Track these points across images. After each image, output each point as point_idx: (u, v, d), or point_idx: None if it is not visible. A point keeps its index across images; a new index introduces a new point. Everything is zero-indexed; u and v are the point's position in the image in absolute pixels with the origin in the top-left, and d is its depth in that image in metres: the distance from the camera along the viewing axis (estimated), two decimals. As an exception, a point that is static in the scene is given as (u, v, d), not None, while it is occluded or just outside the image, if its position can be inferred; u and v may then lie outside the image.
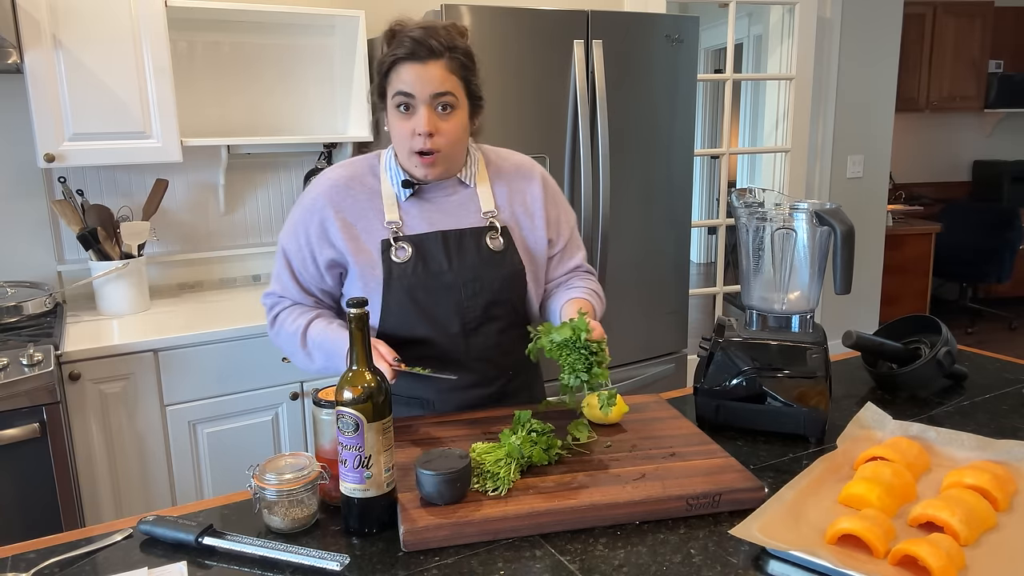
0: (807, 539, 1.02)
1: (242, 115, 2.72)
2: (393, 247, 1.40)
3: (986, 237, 5.36)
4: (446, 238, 1.41)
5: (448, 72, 1.33)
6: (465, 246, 1.42)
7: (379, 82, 1.37)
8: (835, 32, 4.00)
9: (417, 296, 1.40)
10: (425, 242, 1.41)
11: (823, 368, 1.37)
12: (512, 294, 1.45)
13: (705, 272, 7.10)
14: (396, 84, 1.33)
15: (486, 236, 1.43)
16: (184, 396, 2.19)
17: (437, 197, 1.45)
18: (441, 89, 1.32)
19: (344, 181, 1.44)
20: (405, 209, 1.43)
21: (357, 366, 1.06)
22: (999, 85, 5.73)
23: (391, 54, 1.33)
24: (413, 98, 1.33)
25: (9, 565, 1.03)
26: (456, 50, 1.33)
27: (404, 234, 1.41)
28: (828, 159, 4.16)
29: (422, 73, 1.31)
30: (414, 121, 1.34)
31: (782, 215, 1.44)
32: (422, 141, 1.34)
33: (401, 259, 1.40)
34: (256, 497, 1.09)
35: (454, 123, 1.36)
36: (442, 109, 1.34)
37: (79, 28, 2.16)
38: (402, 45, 1.31)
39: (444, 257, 1.40)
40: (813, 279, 1.45)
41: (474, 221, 1.45)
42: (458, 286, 1.40)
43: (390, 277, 1.39)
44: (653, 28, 2.62)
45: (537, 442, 1.21)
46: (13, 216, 2.45)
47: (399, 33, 1.34)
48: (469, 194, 1.47)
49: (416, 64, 1.31)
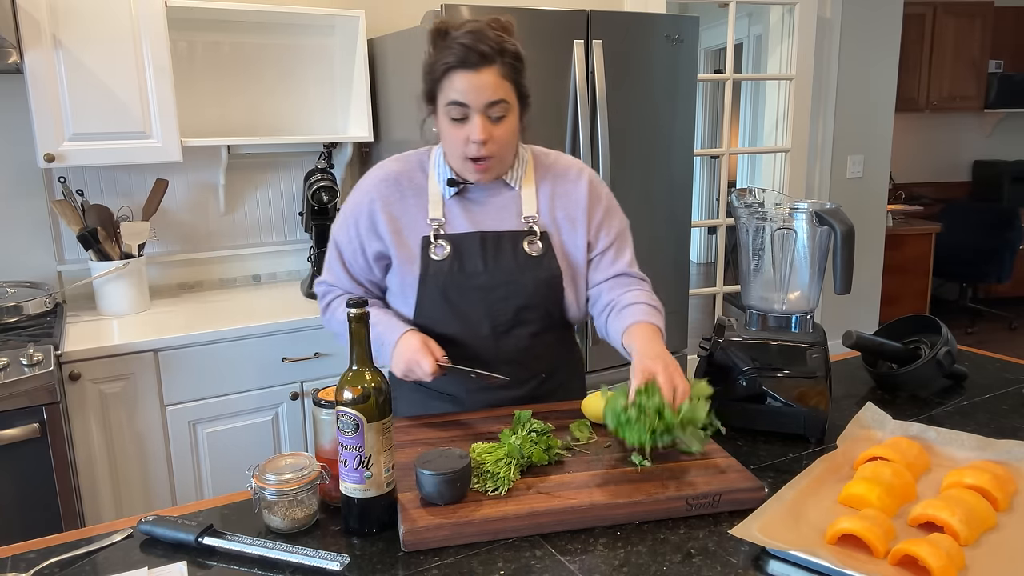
0: (807, 539, 1.02)
1: (242, 115, 2.72)
2: (432, 244, 1.41)
3: (986, 237, 5.36)
4: (484, 239, 1.42)
5: (501, 78, 1.32)
6: (502, 249, 1.42)
7: (429, 87, 1.36)
8: (835, 32, 4.00)
9: (450, 295, 1.41)
10: (464, 242, 1.42)
11: (823, 368, 1.37)
12: (547, 299, 1.45)
13: (705, 272, 7.10)
14: (449, 93, 1.32)
15: (524, 240, 1.43)
16: (184, 396, 2.19)
17: (481, 197, 1.46)
18: (495, 98, 1.32)
19: (394, 176, 1.46)
20: (449, 207, 1.45)
21: (357, 366, 1.06)
22: (999, 85, 5.73)
23: (443, 62, 1.31)
24: (467, 107, 1.32)
25: (9, 565, 1.03)
26: (506, 54, 1.32)
27: (445, 232, 1.42)
28: (828, 159, 4.16)
29: (476, 82, 1.30)
30: (467, 129, 1.33)
31: (782, 215, 1.44)
32: (476, 148, 1.34)
33: (439, 257, 1.41)
34: (256, 497, 1.09)
35: (506, 128, 1.36)
36: (495, 116, 1.34)
37: (79, 28, 2.16)
38: (452, 51, 1.30)
39: (480, 259, 1.41)
40: (813, 279, 1.45)
41: (514, 224, 1.45)
42: (491, 288, 1.41)
43: (426, 274, 1.41)
44: (653, 28, 2.62)
45: (537, 442, 1.21)
46: (13, 216, 2.45)
47: (448, 36, 1.32)
48: (513, 196, 1.47)
49: (469, 72, 1.30)
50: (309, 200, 2.59)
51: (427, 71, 1.36)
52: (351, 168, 2.91)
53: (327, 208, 2.63)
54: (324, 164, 2.69)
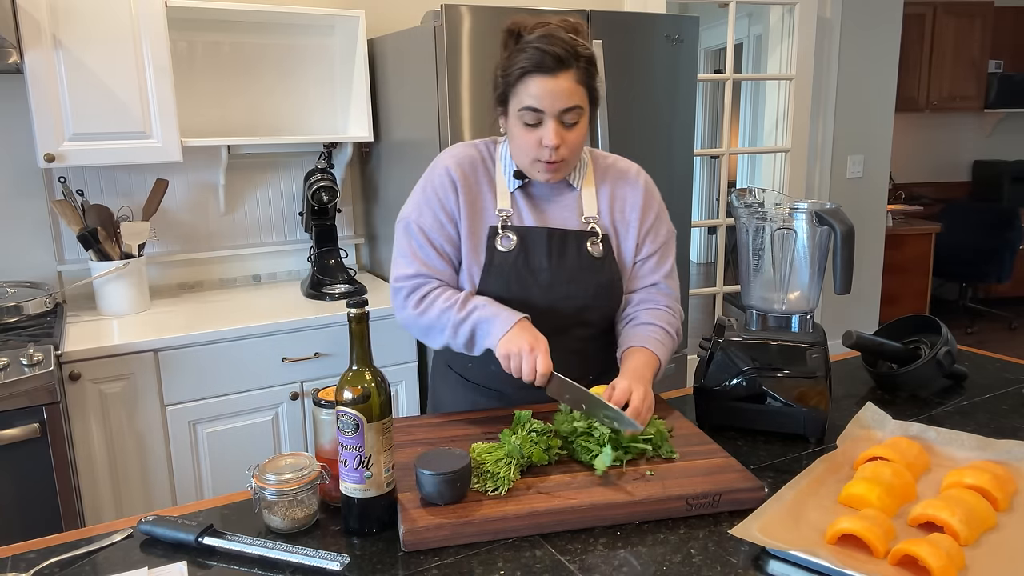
0: (807, 539, 1.02)
1: (242, 115, 2.72)
2: (500, 235, 1.41)
3: (986, 237, 5.36)
4: (551, 236, 1.42)
5: (576, 84, 1.31)
6: (568, 247, 1.43)
7: (503, 90, 1.35)
8: (835, 32, 4.00)
9: (512, 288, 1.41)
10: (531, 235, 1.42)
11: (823, 368, 1.37)
12: (606, 302, 1.46)
13: (705, 272, 7.10)
14: (524, 98, 1.31)
15: (587, 241, 1.44)
16: (184, 396, 2.19)
17: (544, 194, 1.47)
18: (570, 104, 1.31)
19: (469, 158, 1.46)
20: (515, 200, 1.45)
21: (357, 366, 1.06)
22: (999, 85, 5.73)
23: (518, 66, 1.30)
24: (542, 113, 1.31)
25: (9, 565, 1.03)
26: (581, 58, 1.31)
27: (512, 224, 1.43)
28: (828, 159, 4.16)
29: (552, 87, 1.29)
30: (540, 133, 1.33)
31: (782, 215, 1.44)
32: (548, 153, 1.34)
33: (505, 248, 1.41)
34: (256, 497, 1.09)
35: (578, 133, 1.35)
36: (569, 122, 1.33)
37: (79, 28, 2.16)
38: (527, 55, 1.29)
39: (546, 255, 1.41)
40: (813, 279, 1.45)
41: (576, 224, 1.45)
42: (554, 286, 1.41)
43: (491, 264, 1.41)
44: (653, 28, 2.62)
45: (537, 442, 1.21)
46: (13, 216, 2.45)
47: (520, 38, 1.32)
48: (574, 196, 1.47)
49: (545, 78, 1.29)
50: (309, 200, 2.59)
51: (501, 74, 1.35)
52: (351, 168, 2.91)
53: (327, 208, 2.63)
54: (324, 164, 2.68)
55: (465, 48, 2.24)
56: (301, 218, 2.85)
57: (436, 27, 2.23)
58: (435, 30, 2.23)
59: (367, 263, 3.07)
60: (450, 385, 1.55)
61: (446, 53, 2.22)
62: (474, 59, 2.26)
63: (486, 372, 1.46)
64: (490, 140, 1.51)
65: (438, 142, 2.30)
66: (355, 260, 3.03)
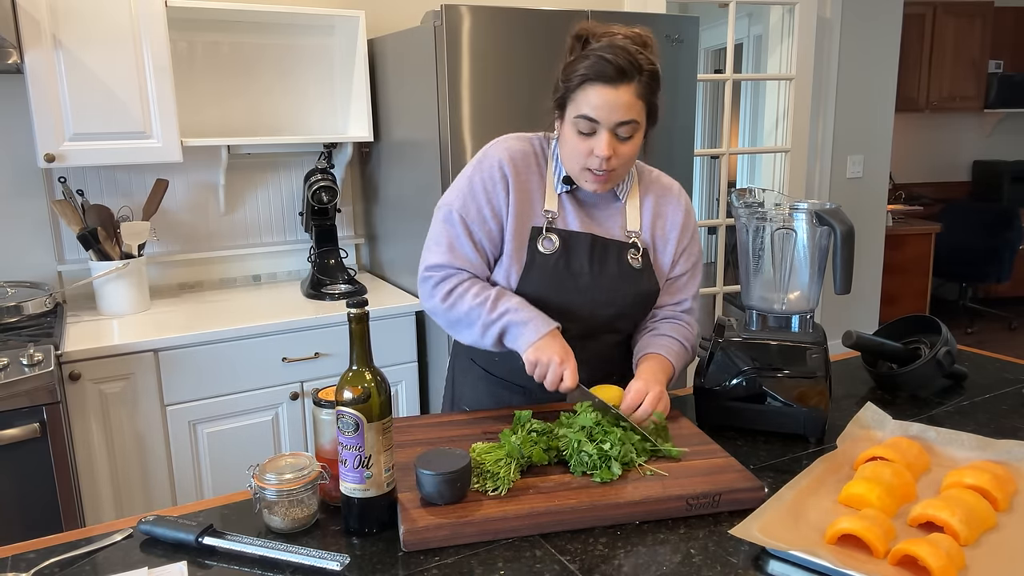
0: (807, 539, 1.02)
1: (242, 115, 2.72)
2: (542, 236, 1.41)
3: (986, 237, 5.36)
4: (594, 243, 1.42)
5: (635, 97, 1.29)
6: (609, 256, 1.43)
7: (562, 94, 1.33)
8: (835, 32, 4.00)
9: (550, 290, 1.40)
10: (574, 240, 1.41)
11: (823, 368, 1.37)
12: (640, 313, 1.47)
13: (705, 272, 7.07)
14: (581, 105, 1.30)
15: (627, 252, 1.44)
16: (184, 396, 2.19)
17: (589, 202, 1.46)
18: (626, 117, 1.29)
19: (521, 152, 1.44)
20: (562, 202, 1.44)
21: (357, 366, 1.06)
22: (999, 85, 5.73)
23: (580, 72, 1.28)
24: (597, 123, 1.30)
25: (9, 565, 1.03)
26: (644, 72, 1.29)
27: (556, 227, 1.42)
28: (828, 159, 4.16)
29: (611, 99, 1.27)
30: (593, 143, 1.31)
31: (782, 215, 1.44)
32: (599, 163, 1.32)
33: (547, 250, 1.40)
34: (256, 497, 1.09)
35: (632, 146, 1.34)
36: (624, 135, 1.32)
37: (79, 28, 2.16)
38: (590, 62, 1.27)
39: (587, 261, 1.41)
40: (813, 279, 1.45)
41: (619, 235, 1.45)
42: (592, 292, 1.41)
43: (532, 265, 1.40)
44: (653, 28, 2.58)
45: (537, 442, 1.21)
46: (13, 216, 2.45)
47: (588, 44, 1.31)
48: (619, 208, 1.47)
49: (606, 87, 1.27)
50: (309, 200, 2.59)
51: (562, 78, 1.33)
52: (351, 168, 2.91)
53: (327, 208, 2.63)
54: (324, 164, 2.69)
55: (465, 48, 2.24)
56: (301, 218, 2.85)
57: (436, 27, 2.23)
58: (435, 30, 2.23)
59: (367, 263, 3.07)
60: (473, 379, 1.55)
61: (446, 53, 2.22)
62: (474, 59, 2.26)
63: (512, 367, 1.44)
64: (542, 136, 1.48)
65: (438, 142, 2.30)
66: (355, 260, 3.03)
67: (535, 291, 1.40)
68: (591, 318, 1.43)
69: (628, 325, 1.48)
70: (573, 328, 1.42)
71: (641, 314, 1.49)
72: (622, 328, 1.48)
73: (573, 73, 1.30)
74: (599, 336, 1.46)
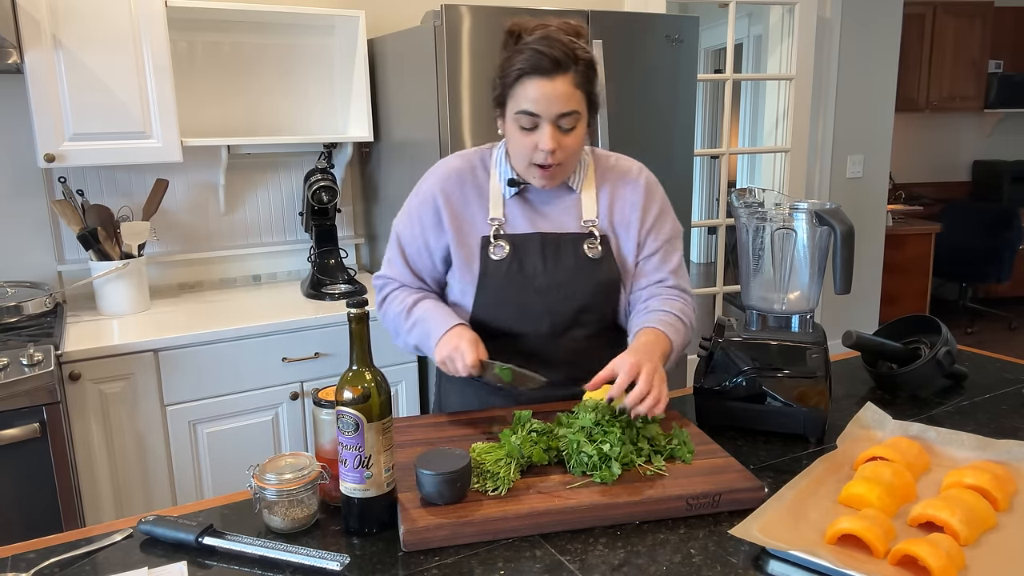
0: (807, 539, 1.02)
1: (242, 115, 2.72)
2: (492, 244, 1.42)
3: (986, 237, 5.36)
4: (544, 241, 1.42)
5: (574, 88, 1.30)
6: (562, 251, 1.43)
7: (500, 91, 1.34)
8: (835, 32, 4.00)
9: (508, 295, 1.41)
10: (524, 243, 1.42)
11: (823, 368, 1.37)
12: (604, 302, 1.46)
13: (705, 272, 7.09)
14: (520, 101, 1.30)
15: (584, 243, 1.44)
16: (184, 396, 2.19)
17: (540, 199, 1.46)
18: (567, 109, 1.30)
19: (457, 173, 1.46)
20: (509, 207, 1.45)
21: (357, 366, 1.06)
22: (999, 85, 5.73)
23: (516, 67, 1.29)
24: (538, 117, 1.30)
25: (9, 565, 1.03)
26: (580, 61, 1.30)
27: (505, 232, 1.43)
28: (828, 159, 4.16)
29: (549, 91, 1.28)
30: (536, 137, 1.32)
31: (782, 215, 1.44)
32: (544, 157, 1.33)
33: (498, 257, 1.41)
34: (256, 497, 1.09)
35: (575, 137, 1.35)
36: (566, 127, 1.32)
37: (79, 28, 2.16)
38: (525, 56, 1.28)
39: (540, 260, 1.42)
40: (813, 279, 1.45)
41: (574, 227, 1.45)
42: (550, 289, 1.41)
43: (485, 274, 1.41)
44: (653, 28, 2.62)
45: (537, 442, 1.21)
46: (13, 216, 2.45)
47: (520, 39, 1.31)
48: (574, 199, 1.47)
49: (543, 80, 1.28)
50: (309, 200, 2.59)
51: (499, 75, 1.34)
52: (351, 168, 2.91)
53: (327, 208, 2.63)
54: (324, 164, 2.68)
55: (465, 48, 2.24)
56: (301, 218, 2.85)
57: (436, 27, 2.23)
58: (435, 30, 2.23)
59: (367, 263, 3.07)
60: (459, 385, 1.55)
61: (446, 53, 2.22)
62: (474, 59, 2.26)
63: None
64: (486, 147, 1.51)
65: (438, 142, 2.30)
66: (355, 260, 3.03)
67: (493, 299, 1.42)
68: (554, 315, 1.43)
69: (595, 317, 1.46)
70: (540, 327, 1.43)
71: (606, 304, 1.47)
72: (589, 321, 1.46)
73: (509, 69, 1.31)
74: (568, 332, 1.45)
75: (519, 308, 1.42)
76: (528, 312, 1.42)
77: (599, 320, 1.48)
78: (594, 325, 1.47)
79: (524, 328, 1.43)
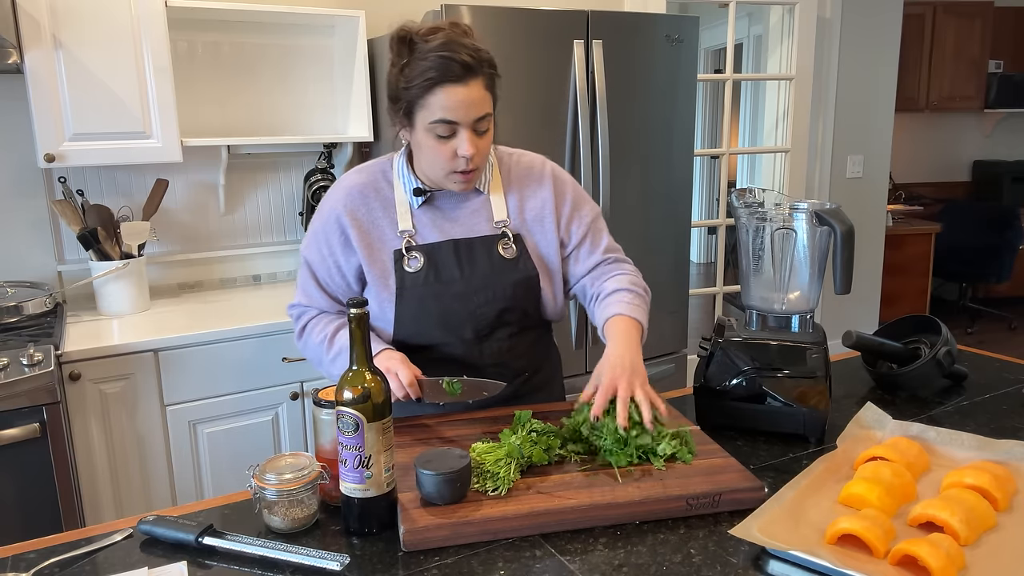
0: (807, 539, 1.02)
1: (242, 115, 2.72)
2: (406, 257, 1.40)
3: (986, 237, 5.36)
4: (458, 247, 1.41)
5: (485, 90, 1.29)
6: (476, 255, 1.41)
7: (408, 103, 1.29)
8: (835, 32, 4.00)
9: (429, 305, 1.40)
10: (437, 252, 1.40)
11: (823, 368, 1.37)
12: (525, 300, 1.45)
13: (705, 272, 7.10)
14: (435, 110, 1.27)
15: (498, 244, 1.43)
16: (184, 396, 2.19)
17: (449, 205, 1.44)
18: (481, 113, 1.29)
19: (359, 188, 1.43)
20: (417, 217, 1.43)
21: (357, 366, 1.06)
22: (999, 85, 5.73)
23: (425, 77, 1.25)
24: (456, 124, 1.28)
25: (9, 565, 1.03)
26: (485, 63, 1.29)
27: (417, 243, 1.41)
28: (828, 159, 4.16)
29: (464, 97, 1.26)
30: (455, 144, 1.30)
31: (782, 215, 1.44)
32: (465, 163, 1.32)
33: (413, 269, 1.39)
34: (256, 497, 1.09)
35: (488, 138, 1.35)
36: (482, 130, 1.32)
37: (79, 28, 2.16)
38: (431, 64, 1.24)
39: (456, 266, 1.40)
40: (813, 279, 1.45)
41: (486, 229, 1.44)
42: (469, 294, 1.40)
43: (403, 287, 1.39)
44: (653, 28, 2.62)
45: (537, 442, 1.21)
46: (13, 216, 2.45)
47: (416, 46, 1.27)
48: (482, 201, 1.45)
49: (456, 87, 1.25)
50: (309, 200, 2.59)
51: (404, 85, 1.28)
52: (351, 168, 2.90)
53: (327, 208, 2.63)
54: (324, 164, 2.69)
55: (465, 48, 2.24)
56: (301, 218, 2.85)
57: (436, 27, 2.22)
58: (435, 30, 2.23)
59: (367, 263, 3.07)
60: None
61: (446, 53, 2.22)
62: (474, 59, 2.25)
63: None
64: (384, 159, 1.48)
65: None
66: (355, 260, 3.02)
67: (413, 312, 1.40)
68: (477, 319, 1.41)
69: (516, 316, 1.45)
70: (464, 333, 1.41)
71: (527, 302, 1.45)
72: (511, 320, 1.45)
73: (415, 78, 1.26)
74: (493, 334, 1.44)
75: (441, 317, 1.40)
76: (450, 320, 1.40)
77: (521, 319, 1.46)
78: (517, 325, 1.46)
79: (448, 337, 1.42)
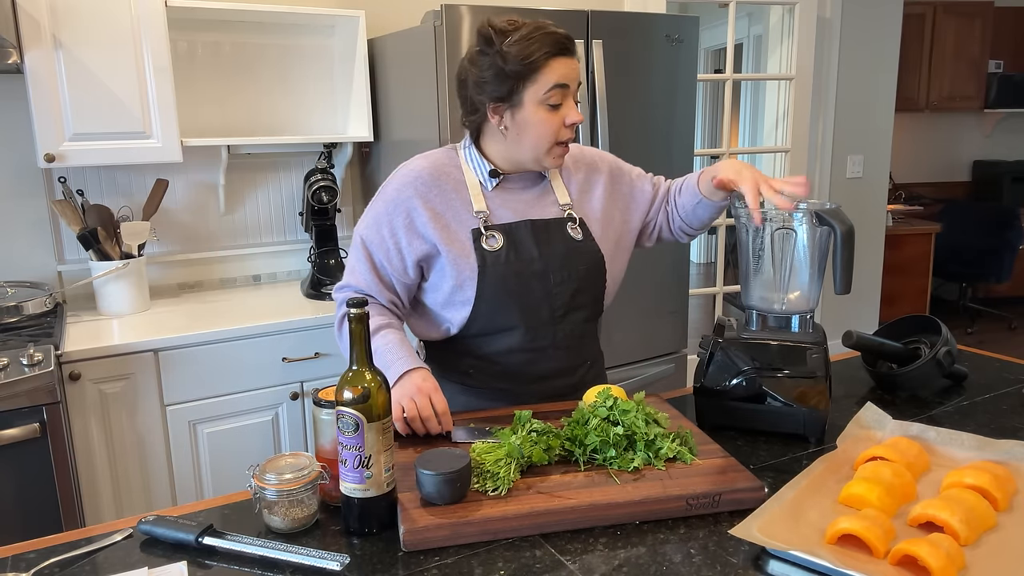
0: (807, 539, 1.02)
1: (242, 115, 2.72)
2: (484, 236, 1.42)
3: (986, 237, 5.36)
4: (535, 226, 1.45)
5: None
6: (552, 235, 1.45)
7: (512, 84, 1.34)
8: (835, 32, 4.00)
9: (510, 284, 1.42)
10: (515, 231, 1.44)
11: (823, 368, 1.37)
12: (595, 283, 1.49)
13: (705, 272, 7.10)
14: (550, 78, 1.34)
15: (567, 226, 1.47)
16: (184, 396, 2.19)
17: (517, 188, 1.48)
18: (580, 79, 1.40)
19: (429, 171, 1.45)
20: (490, 198, 1.46)
21: (357, 366, 1.06)
22: (999, 85, 5.73)
23: (543, 51, 1.33)
24: (568, 88, 1.36)
25: (9, 565, 1.03)
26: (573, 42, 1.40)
27: (493, 223, 1.43)
28: (828, 159, 4.16)
29: (573, 66, 1.37)
30: (564, 112, 1.37)
31: (782, 215, 1.44)
32: (570, 132, 1.39)
33: (493, 247, 1.42)
34: (256, 497, 1.09)
35: None
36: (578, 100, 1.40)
37: (79, 28, 2.16)
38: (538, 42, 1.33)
39: (534, 245, 1.43)
40: (813, 279, 1.45)
41: (554, 212, 1.48)
42: (548, 273, 1.43)
43: (484, 265, 1.41)
44: (653, 28, 2.62)
45: (537, 442, 1.21)
46: (13, 216, 2.45)
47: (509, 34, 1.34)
48: (545, 186, 1.50)
49: (566, 58, 1.36)
50: (309, 200, 2.59)
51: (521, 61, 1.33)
52: (351, 168, 2.91)
53: (327, 208, 2.63)
54: (324, 164, 2.69)
55: (465, 48, 2.24)
56: (301, 218, 2.85)
57: (436, 27, 2.23)
58: (435, 30, 2.23)
59: (367, 263, 3.07)
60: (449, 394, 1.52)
61: (446, 53, 2.22)
62: (474, 59, 2.25)
63: (491, 373, 1.47)
64: (448, 148, 1.51)
65: (438, 142, 2.30)
66: (355, 260, 3.02)
67: (495, 291, 1.41)
68: (554, 299, 1.45)
69: (589, 299, 1.49)
70: (541, 315, 1.44)
71: (596, 286, 1.49)
72: (585, 303, 1.49)
73: (530, 55, 1.33)
74: (568, 316, 1.47)
75: (520, 296, 1.42)
76: (529, 299, 1.43)
77: (592, 303, 1.50)
78: (588, 309, 1.50)
79: (525, 317, 1.44)
